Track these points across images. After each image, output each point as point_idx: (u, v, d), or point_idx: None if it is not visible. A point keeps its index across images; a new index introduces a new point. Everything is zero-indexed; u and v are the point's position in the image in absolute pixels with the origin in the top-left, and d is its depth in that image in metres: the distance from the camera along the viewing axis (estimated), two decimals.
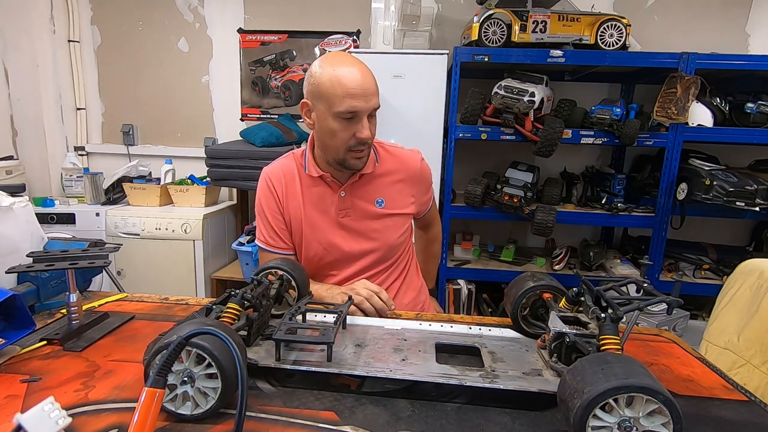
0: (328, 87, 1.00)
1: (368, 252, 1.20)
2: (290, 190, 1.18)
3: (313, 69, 1.04)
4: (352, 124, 1.02)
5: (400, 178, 1.21)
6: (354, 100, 0.99)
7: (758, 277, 1.11)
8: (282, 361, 0.72)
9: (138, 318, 0.96)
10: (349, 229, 1.18)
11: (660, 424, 0.54)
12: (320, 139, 1.09)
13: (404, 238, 1.25)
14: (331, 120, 1.02)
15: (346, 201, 1.16)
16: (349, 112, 1.00)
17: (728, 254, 2.31)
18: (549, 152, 1.98)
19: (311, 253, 1.19)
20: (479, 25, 2.00)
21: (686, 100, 1.98)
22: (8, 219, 1.03)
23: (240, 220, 2.71)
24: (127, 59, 2.77)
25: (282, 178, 1.18)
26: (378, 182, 1.19)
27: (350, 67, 1.01)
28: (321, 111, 1.03)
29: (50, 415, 0.53)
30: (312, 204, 1.17)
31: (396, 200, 1.20)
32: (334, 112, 1.01)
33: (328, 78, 1.00)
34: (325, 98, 1.01)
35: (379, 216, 1.19)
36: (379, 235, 1.19)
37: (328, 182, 1.16)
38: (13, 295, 0.75)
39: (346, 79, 0.99)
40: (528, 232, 2.65)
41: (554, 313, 0.77)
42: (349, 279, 1.20)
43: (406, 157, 1.23)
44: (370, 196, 1.18)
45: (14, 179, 2.48)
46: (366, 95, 1.01)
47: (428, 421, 0.64)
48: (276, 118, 2.71)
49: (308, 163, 1.16)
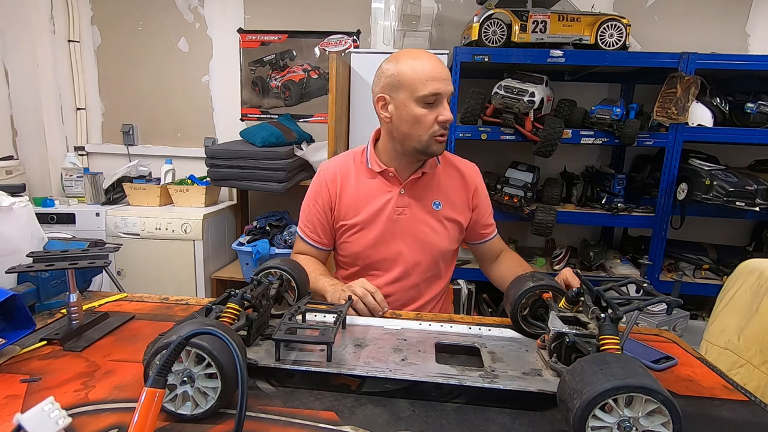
0: (410, 74, 1.04)
1: (417, 255, 1.20)
2: (345, 186, 1.20)
3: (386, 66, 1.10)
4: (434, 108, 1.06)
5: (459, 183, 1.23)
6: (437, 83, 1.03)
7: (758, 277, 1.11)
8: (282, 361, 0.72)
9: (138, 318, 0.96)
10: (401, 228, 1.19)
11: (659, 424, 0.54)
12: (400, 130, 1.10)
13: (453, 248, 1.25)
14: (413, 106, 1.05)
15: (404, 199, 1.18)
16: (433, 95, 1.04)
17: (728, 254, 2.30)
18: (549, 152, 1.98)
19: (357, 249, 1.21)
20: (479, 25, 2.00)
21: (686, 100, 1.98)
22: (8, 219, 1.03)
23: (240, 220, 2.71)
24: (127, 59, 2.77)
25: (338, 174, 1.21)
26: (438, 183, 1.21)
27: (426, 55, 1.07)
28: (402, 100, 1.06)
29: (50, 415, 0.53)
30: (368, 199, 1.19)
31: (453, 204, 1.21)
32: (417, 96, 1.04)
33: (409, 66, 1.05)
34: (407, 86, 1.05)
35: (435, 218, 1.20)
36: (431, 238, 1.20)
37: (389, 178, 1.18)
38: (13, 295, 0.75)
39: (426, 63, 1.05)
40: (528, 232, 2.65)
41: (554, 313, 0.77)
42: (393, 282, 1.21)
43: (465, 165, 1.26)
44: (429, 196, 1.20)
45: (14, 179, 2.47)
46: (446, 78, 1.05)
47: (428, 421, 0.64)
48: (276, 118, 2.71)
49: (370, 158, 1.19)
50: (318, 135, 2.67)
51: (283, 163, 2.26)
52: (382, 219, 1.18)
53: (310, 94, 2.72)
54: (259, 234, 2.39)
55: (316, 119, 2.73)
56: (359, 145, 1.27)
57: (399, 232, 1.19)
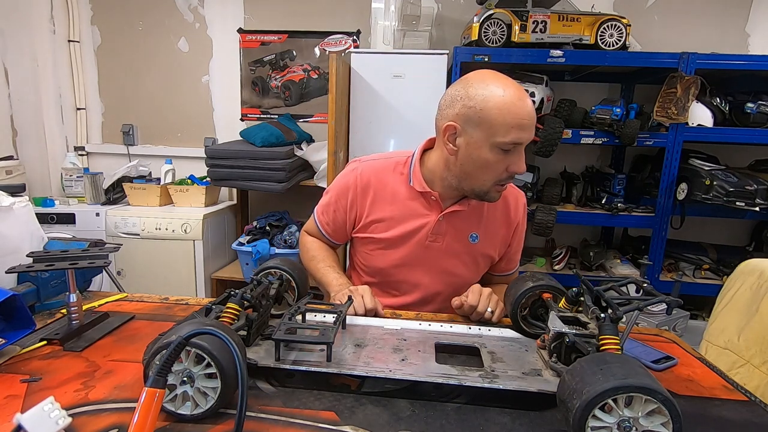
0: (495, 115, 0.90)
1: (439, 286, 1.13)
2: (379, 197, 1.11)
3: (473, 91, 0.93)
4: (508, 157, 0.94)
5: (502, 215, 1.14)
6: (522, 132, 0.91)
7: (758, 277, 1.11)
8: (282, 361, 0.72)
9: (138, 318, 0.96)
10: (431, 256, 1.11)
11: (659, 424, 0.54)
12: (464, 168, 0.99)
13: (477, 280, 1.17)
14: (487, 150, 0.93)
15: (441, 226, 1.09)
16: (513, 144, 0.92)
17: (728, 254, 2.30)
18: (549, 152, 1.98)
19: (380, 265, 1.13)
20: (479, 25, 2.01)
21: (686, 100, 1.98)
22: (8, 219, 1.03)
23: (240, 220, 2.71)
24: (127, 59, 2.77)
25: (372, 182, 1.11)
26: (480, 214, 1.11)
27: (519, 95, 0.91)
28: (477, 138, 0.94)
29: (50, 415, 0.53)
30: (403, 218, 1.10)
31: (490, 238, 1.13)
32: (495, 141, 0.92)
33: (496, 105, 0.90)
34: (487, 126, 0.91)
35: (468, 251, 1.11)
36: (459, 271, 1.12)
37: (430, 201, 1.08)
38: (13, 295, 0.75)
39: (516, 107, 0.90)
40: (528, 232, 2.65)
41: (554, 313, 0.77)
42: (407, 306, 1.14)
43: (512, 196, 1.15)
44: (468, 227, 1.10)
45: (14, 179, 2.47)
46: (531, 126, 0.93)
47: (428, 421, 0.64)
48: (276, 118, 2.71)
49: (414, 175, 1.08)
50: (318, 135, 2.67)
51: (283, 163, 2.26)
52: (412, 242, 1.10)
53: (310, 94, 2.72)
54: (259, 234, 2.40)
55: (316, 119, 2.73)
56: (403, 151, 1.16)
57: (427, 260, 1.11)
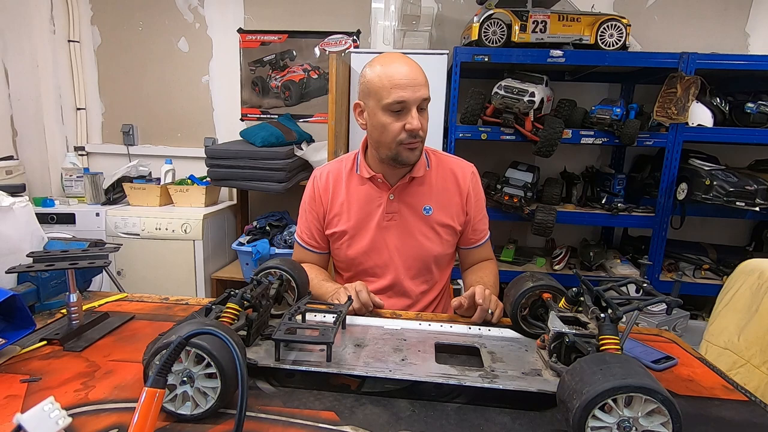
0: (376, 82, 1.03)
1: (408, 260, 1.18)
2: (336, 192, 1.20)
3: (364, 70, 1.08)
4: (401, 116, 1.04)
5: (452, 186, 1.20)
6: (401, 90, 1.01)
7: (758, 277, 1.11)
8: (281, 361, 0.72)
9: (138, 318, 0.97)
10: (392, 235, 1.18)
11: (659, 424, 0.54)
12: (372, 137, 1.11)
13: (447, 253, 1.22)
14: (381, 114, 1.05)
15: (393, 205, 1.17)
16: (398, 103, 1.02)
17: (728, 254, 2.30)
18: (549, 152, 1.98)
19: (351, 255, 1.20)
20: (479, 25, 2.00)
21: (686, 100, 1.98)
22: (8, 219, 1.03)
23: (240, 220, 2.71)
24: (127, 59, 2.77)
25: (329, 179, 1.22)
26: (427, 188, 1.18)
27: (397, 61, 1.05)
28: (371, 107, 1.06)
29: (50, 415, 0.53)
30: (358, 206, 1.18)
31: (444, 209, 1.19)
32: (383, 104, 1.03)
33: (377, 74, 1.04)
34: (374, 93, 1.04)
35: (426, 223, 1.18)
36: (422, 244, 1.18)
37: (378, 184, 1.17)
38: (13, 295, 0.75)
39: (392, 71, 1.02)
40: (528, 232, 2.65)
41: (554, 313, 0.77)
42: (387, 289, 1.20)
43: (459, 167, 1.22)
44: (419, 201, 1.17)
45: (14, 179, 2.47)
46: (413, 85, 1.02)
47: (428, 421, 0.64)
48: (276, 118, 2.71)
49: (360, 164, 1.19)
50: (318, 135, 2.67)
51: (283, 163, 2.26)
52: (372, 226, 1.17)
53: (310, 94, 2.72)
54: (259, 234, 2.40)
55: (316, 119, 2.73)
56: (353, 150, 1.26)
57: (390, 240, 1.18)
